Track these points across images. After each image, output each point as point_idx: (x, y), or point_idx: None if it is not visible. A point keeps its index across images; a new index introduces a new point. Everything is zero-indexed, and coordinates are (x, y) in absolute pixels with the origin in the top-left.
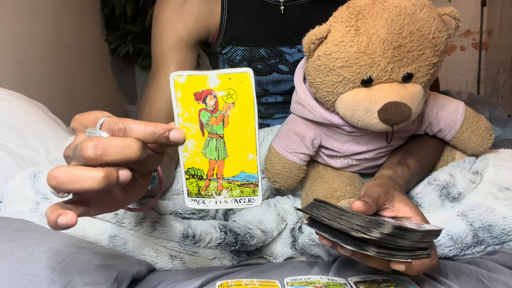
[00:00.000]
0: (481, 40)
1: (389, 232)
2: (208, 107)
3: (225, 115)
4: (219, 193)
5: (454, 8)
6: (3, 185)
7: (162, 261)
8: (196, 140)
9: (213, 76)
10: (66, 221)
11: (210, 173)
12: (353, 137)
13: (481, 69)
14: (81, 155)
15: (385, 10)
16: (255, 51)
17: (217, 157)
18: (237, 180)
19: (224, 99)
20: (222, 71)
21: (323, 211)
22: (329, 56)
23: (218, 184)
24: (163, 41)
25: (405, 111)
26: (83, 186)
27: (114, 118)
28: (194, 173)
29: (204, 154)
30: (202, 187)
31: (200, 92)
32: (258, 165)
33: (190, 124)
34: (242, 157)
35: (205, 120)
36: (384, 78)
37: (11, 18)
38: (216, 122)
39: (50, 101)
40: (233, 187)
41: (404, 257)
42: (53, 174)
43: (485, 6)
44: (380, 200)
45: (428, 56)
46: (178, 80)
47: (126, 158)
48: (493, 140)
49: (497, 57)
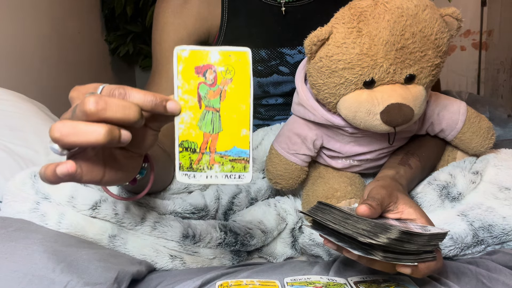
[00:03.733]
0: (481, 40)
1: (396, 237)
2: (207, 81)
3: (223, 89)
4: (210, 168)
5: (456, 9)
6: (3, 185)
7: (162, 261)
8: (193, 112)
9: (214, 52)
10: (65, 169)
11: (203, 147)
12: (354, 138)
13: (481, 69)
14: (82, 110)
15: (388, 12)
16: (256, 53)
17: (212, 130)
18: (229, 155)
19: (223, 74)
20: (223, 48)
21: (328, 215)
22: (331, 58)
23: (211, 158)
24: (164, 41)
25: (407, 113)
26: (87, 139)
27: (114, 85)
28: (188, 146)
29: (200, 127)
30: (194, 160)
31: (201, 66)
32: (250, 141)
33: (188, 96)
34: (236, 132)
35: (203, 94)
36: (387, 80)
37: (11, 18)
38: (213, 95)
39: (50, 101)
40: (224, 162)
41: (410, 261)
42: (57, 126)
43: (485, 6)
44: (384, 202)
45: (431, 57)
46: (182, 54)
47: (126, 118)
48: (494, 140)
49: (497, 57)
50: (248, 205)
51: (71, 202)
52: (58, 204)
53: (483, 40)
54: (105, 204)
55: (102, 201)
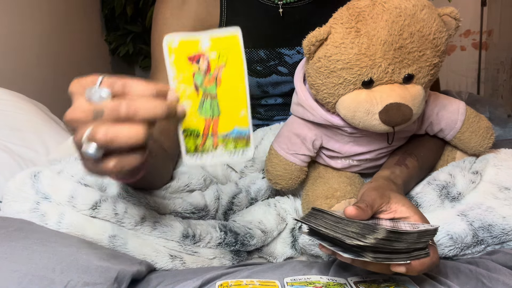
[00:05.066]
0: (481, 40)
1: (383, 236)
2: (201, 69)
3: (218, 75)
4: (215, 149)
5: (454, 9)
6: (3, 185)
7: (162, 261)
8: (192, 100)
9: (204, 39)
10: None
11: (206, 131)
12: (354, 138)
13: (481, 69)
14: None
15: (386, 11)
16: (254, 53)
17: (212, 115)
18: (231, 135)
19: (216, 60)
20: (212, 33)
21: (320, 220)
22: (329, 58)
23: (214, 140)
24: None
25: (406, 112)
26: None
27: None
28: (191, 132)
29: (200, 113)
30: (199, 144)
31: (192, 56)
32: (249, 119)
33: (185, 86)
34: (235, 113)
35: (199, 82)
36: (385, 80)
37: (10, 18)
38: (209, 83)
39: (50, 101)
40: (227, 142)
41: (402, 259)
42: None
43: (485, 6)
44: (375, 204)
45: (429, 57)
46: (172, 45)
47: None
48: (493, 140)
49: (497, 57)
50: (248, 205)
51: (71, 202)
52: (58, 204)
53: (483, 40)
54: (105, 204)
55: (102, 201)
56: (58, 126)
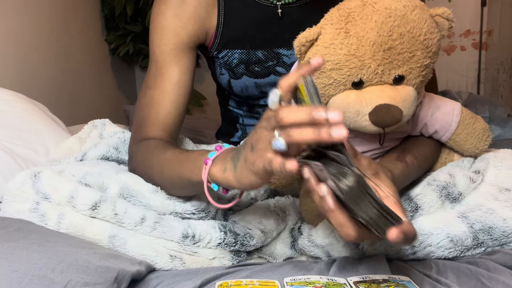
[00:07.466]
0: (481, 40)
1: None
2: None
3: None
4: None
5: (447, 9)
6: (3, 185)
7: (162, 261)
8: None
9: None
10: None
11: None
12: None
13: (481, 69)
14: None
15: (375, 12)
16: (253, 54)
17: None
18: None
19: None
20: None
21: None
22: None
23: None
24: (164, 45)
25: (395, 114)
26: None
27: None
28: None
29: None
30: None
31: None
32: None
33: None
34: None
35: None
36: (375, 81)
37: (10, 18)
38: None
39: (50, 101)
40: None
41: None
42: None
43: (485, 6)
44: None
45: (420, 58)
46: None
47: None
48: (490, 142)
49: (497, 57)
50: (248, 205)
51: (71, 202)
52: (58, 204)
53: (483, 40)
54: (104, 204)
55: (102, 201)
56: (58, 126)
